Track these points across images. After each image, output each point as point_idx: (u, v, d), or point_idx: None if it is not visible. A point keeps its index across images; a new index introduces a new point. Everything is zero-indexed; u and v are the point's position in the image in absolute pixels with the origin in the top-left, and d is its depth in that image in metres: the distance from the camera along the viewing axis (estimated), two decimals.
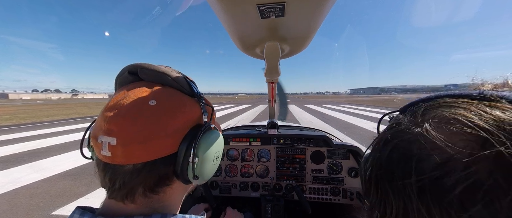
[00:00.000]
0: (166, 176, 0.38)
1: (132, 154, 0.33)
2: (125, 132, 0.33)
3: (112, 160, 0.34)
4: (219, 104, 30.74)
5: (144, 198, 0.37)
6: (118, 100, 0.36)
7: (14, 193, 3.27)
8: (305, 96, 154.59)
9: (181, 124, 0.38)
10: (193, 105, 0.42)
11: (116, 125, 0.34)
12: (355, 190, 1.32)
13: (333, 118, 12.60)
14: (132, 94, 0.37)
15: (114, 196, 0.36)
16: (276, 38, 0.62)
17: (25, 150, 5.71)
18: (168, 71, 0.41)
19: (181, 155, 0.37)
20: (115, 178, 0.35)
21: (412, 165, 0.23)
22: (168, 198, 0.41)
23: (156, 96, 0.37)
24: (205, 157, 0.40)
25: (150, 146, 0.34)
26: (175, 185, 0.41)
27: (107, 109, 0.36)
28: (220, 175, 1.45)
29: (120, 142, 0.33)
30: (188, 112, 0.40)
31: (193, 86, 0.44)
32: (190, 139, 0.38)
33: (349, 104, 27.55)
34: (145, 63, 0.42)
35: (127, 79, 0.43)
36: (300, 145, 1.39)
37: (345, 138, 1.74)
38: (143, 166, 0.35)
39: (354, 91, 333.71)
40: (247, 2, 0.43)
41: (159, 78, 0.42)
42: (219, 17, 0.54)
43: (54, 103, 42.99)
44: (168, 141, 0.36)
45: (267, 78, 0.97)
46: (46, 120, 12.77)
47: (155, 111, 0.35)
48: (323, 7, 0.46)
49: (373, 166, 0.30)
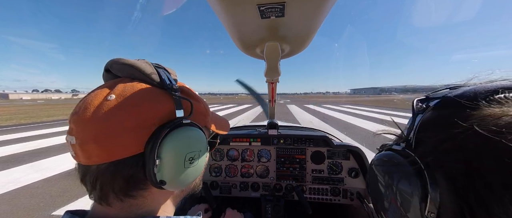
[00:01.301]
0: (135, 178, 0.35)
1: (90, 153, 0.31)
2: (81, 130, 0.32)
3: (77, 159, 0.34)
4: (219, 104, 30.74)
5: (120, 202, 0.35)
6: (82, 100, 0.35)
7: (14, 193, 3.27)
8: (305, 96, 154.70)
9: (144, 120, 0.33)
10: (164, 99, 0.37)
11: (75, 123, 0.32)
12: (355, 190, 1.31)
13: (333, 118, 12.59)
14: (95, 92, 0.35)
15: (93, 198, 0.36)
16: (276, 38, 0.62)
17: (26, 150, 5.71)
18: (136, 63, 0.37)
19: (147, 156, 0.33)
20: (84, 179, 0.35)
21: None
22: (150, 203, 0.38)
23: (116, 91, 0.34)
24: (171, 158, 0.34)
25: (107, 145, 0.31)
26: (154, 190, 0.37)
27: (74, 108, 0.35)
28: (220, 175, 1.45)
29: (78, 141, 0.32)
30: (155, 106, 0.35)
31: (164, 77, 0.38)
32: (155, 138, 0.33)
33: (349, 104, 27.54)
34: (118, 58, 0.38)
35: (106, 77, 0.41)
36: (300, 145, 1.39)
37: (345, 138, 1.74)
38: (107, 167, 0.32)
39: (354, 91, 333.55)
40: (247, 2, 0.43)
41: (128, 72, 0.38)
42: (219, 17, 0.54)
43: (55, 103, 43.01)
44: (128, 139, 0.32)
45: (267, 78, 0.97)
46: (46, 120, 12.78)
47: (111, 107, 0.32)
48: (323, 7, 0.46)
49: None
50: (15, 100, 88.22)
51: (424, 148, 0.29)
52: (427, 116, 0.31)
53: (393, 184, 0.32)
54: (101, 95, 0.34)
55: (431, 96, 0.34)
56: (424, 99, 0.34)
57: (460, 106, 0.27)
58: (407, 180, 0.29)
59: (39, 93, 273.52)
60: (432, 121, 0.30)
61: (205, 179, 1.45)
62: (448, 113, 0.29)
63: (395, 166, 0.32)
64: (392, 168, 0.33)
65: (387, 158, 0.35)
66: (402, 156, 0.31)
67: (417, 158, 0.29)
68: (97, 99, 0.33)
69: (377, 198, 0.37)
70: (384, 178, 0.35)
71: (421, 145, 0.30)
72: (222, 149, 1.47)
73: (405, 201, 0.29)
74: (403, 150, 0.32)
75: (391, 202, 0.33)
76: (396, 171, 0.32)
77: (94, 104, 0.33)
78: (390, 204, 0.33)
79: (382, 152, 0.37)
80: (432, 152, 0.28)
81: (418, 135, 0.31)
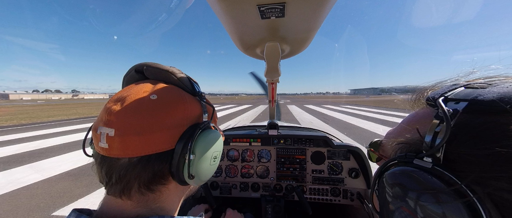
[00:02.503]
0: (161, 173, 0.38)
1: (128, 145, 0.33)
2: (123, 123, 0.34)
3: (109, 152, 0.34)
4: (220, 104, 30.74)
5: (140, 195, 0.37)
6: (121, 94, 0.38)
7: (15, 193, 3.28)
8: (305, 96, 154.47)
9: (179, 120, 0.38)
10: (194, 104, 0.42)
11: (116, 116, 0.34)
12: (355, 191, 1.31)
13: (334, 118, 12.59)
14: (136, 89, 0.39)
15: (112, 192, 0.37)
16: (276, 38, 0.62)
17: (26, 151, 5.72)
18: (172, 70, 0.43)
19: (178, 152, 0.37)
20: (111, 172, 0.35)
21: None
22: (164, 199, 0.41)
23: (157, 92, 0.38)
24: (202, 156, 0.40)
25: (147, 139, 0.34)
26: (171, 186, 0.41)
27: (110, 102, 0.37)
28: (221, 175, 1.45)
29: (117, 132, 0.33)
30: (188, 109, 0.40)
31: (195, 86, 0.45)
32: (188, 136, 0.37)
33: (349, 104, 27.52)
34: (151, 62, 0.43)
35: (134, 77, 0.45)
36: (301, 146, 1.39)
37: (345, 139, 1.74)
38: (138, 160, 0.35)
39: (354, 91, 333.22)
40: (248, 3, 0.43)
41: (163, 77, 0.43)
42: (220, 17, 0.54)
43: (55, 104, 43.08)
44: (165, 135, 0.36)
45: (267, 78, 0.97)
46: (46, 120, 12.79)
47: (154, 105, 0.36)
48: (323, 7, 0.46)
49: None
50: (16, 101, 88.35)
51: (467, 170, 0.23)
52: (460, 123, 0.25)
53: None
54: (143, 93, 0.38)
55: (449, 96, 0.28)
56: (444, 99, 0.28)
57: (505, 112, 0.22)
58: (448, 216, 0.22)
59: (40, 93, 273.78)
60: (474, 132, 0.23)
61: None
62: (497, 122, 0.22)
63: (431, 195, 0.24)
64: (426, 197, 0.24)
65: (412, 177, 0.26)
66: (435, 177, 0.24)
67: (465, 187, 0.22)
68: (140, 96, 0.37)
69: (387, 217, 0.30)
70: (408, 202, 0.26)
71: (458, 164, 0.24)
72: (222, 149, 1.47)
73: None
74: (433, 168, 0.25)
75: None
76: (432, 201, 0.23)
77: (139, 101, 0.36)
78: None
79: (399, 167, 0.29)
80: (487, 180, 0.21)
81: (451, 149, 0.24)
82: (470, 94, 0.26)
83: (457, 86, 0.30)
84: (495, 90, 0.25)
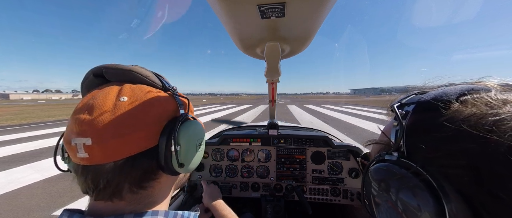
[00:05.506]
0: (151, 170, 0.38)
1: (110, 150, 0.33)
2: (98, 130, 0.32)
3: (90, 161, 0.33)
4: (220, 104, 30.74)
5: (132, 194, 0.37)
6: (87, 102, 0.35)
7: (15, 193, 3.28)
8: (305, 96, 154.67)
9: (157, 117, 0.38)
10: (167, 99, 0.42)
11: (88, 125, 0.32)
12: (355, 191, 1.31)
13: (334, 118, 12.58)
14: (101, 94, 0.36)
15: (101, 197, 0.35)
16: (276, 38, 0.62)
17: (26, 150, 5.72)
18: (135, 69, 0.41)
19: (163, 146, 0.37)
20: (98, 179, 0.34)
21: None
22: (157, 193, 0.41)
23: (126, 93, 0.37)
24: (187, 144, 0.41)
25: (127, 140, 0.34)
26: (162, 179, 0.41)
27: (77, 112, 0.35)
28: (221, 175, 1.45)
29: (95, 140, 0.32)
30: (163, 105, 0.40)
31: (164, 81, 0.44)
32: (169, 130, 0.38)
33: (349, 104, 27.53)
34: (110, 64, 0.41)
35: (94, 82, 0.42)
36: (301, 145, 1.39)
37: (345, 139, 1.74)
38: (124, 161, 0.34)
39: (354, 91, 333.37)
40: (248, 2, 0.43)
41: (127, 77, 0.41)
42: (220, 17, 0.54)
43: (55, 104, 43.11)
44: (145, 134, 0.36)
45: (267, 78, 0.97)
46: (47, 120, 12.80)
47: (127, 107, 0.35)
48: (323, 7, 0.46)
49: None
50: (16, 101, 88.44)
51: (419, 156, 0.28)
52: (411, 122, 0.31)
53: (397, 199, 0.29)
54: (111, 97, 0.36)
55: (404, 101, 0.35)
56: (400, 104, 0.34)
57: (437, 108, 0.28)
58: (412, 193, 0.27)
59: (40, 93, 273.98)
60: (420, 126, 0.30)
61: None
62: (432, 116, 0.29)
63: (397, 180, 0.29)
64: (395, 183, 0.30)
65: (384, 170, 0.32)
66: (400, 166, 0.29)
67: (420, 168, 0.27)
68: (109, 100, 0.35)
69: (377, 210, 0.34)
70: (385, 191, 0.31)
71: (415, 153, 0.29)
72: (222, 149, 1.47)
73: (413, 216, 0.27)
74: (398, 160, 0.30)
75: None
76: (399, 185, 0.29)
77: (109, 105, 0.35)
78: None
79: (377, 164, 0.34)
80: (432, 160, 0.27)
81: (408, 142, 0.30)
82: (417, 98, 0.33)
83: (410, 94, 0.36)
84: (432, 93, 0.32)
